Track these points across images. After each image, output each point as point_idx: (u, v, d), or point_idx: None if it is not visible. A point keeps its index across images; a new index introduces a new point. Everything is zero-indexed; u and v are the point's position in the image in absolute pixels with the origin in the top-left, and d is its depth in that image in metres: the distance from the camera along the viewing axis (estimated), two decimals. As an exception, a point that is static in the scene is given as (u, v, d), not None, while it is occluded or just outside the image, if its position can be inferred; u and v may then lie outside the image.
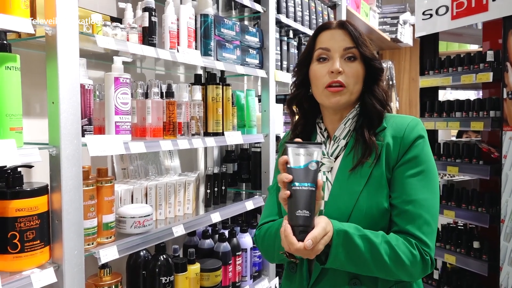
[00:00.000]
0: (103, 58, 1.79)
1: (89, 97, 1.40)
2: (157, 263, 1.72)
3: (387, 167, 1.12)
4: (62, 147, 1.23)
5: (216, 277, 1.98)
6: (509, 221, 2.09)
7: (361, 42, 1.15)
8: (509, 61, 2.08)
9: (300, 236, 0.96)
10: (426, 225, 1.07)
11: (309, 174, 0.99)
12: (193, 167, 2.49)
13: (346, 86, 1.14)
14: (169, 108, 1.72)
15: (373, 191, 1.10)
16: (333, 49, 1.15)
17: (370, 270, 1.06)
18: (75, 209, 1.27)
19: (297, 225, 0.97)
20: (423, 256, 1.06)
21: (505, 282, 2.11)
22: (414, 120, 1.15)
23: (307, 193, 0.97)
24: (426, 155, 1.12)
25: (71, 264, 1.26)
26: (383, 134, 1.14)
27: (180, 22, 1.80)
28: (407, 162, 1.11)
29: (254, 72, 2.27)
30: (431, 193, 1.10)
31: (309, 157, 1.00)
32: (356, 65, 1.15)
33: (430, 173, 1.11)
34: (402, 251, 1.04)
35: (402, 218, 1.08)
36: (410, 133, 1.12)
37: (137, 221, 1.56)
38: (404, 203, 1.08)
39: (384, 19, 4.81)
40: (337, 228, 1.02)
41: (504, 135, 2.10)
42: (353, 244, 1.03)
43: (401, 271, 1.06)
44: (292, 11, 2.71)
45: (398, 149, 1.11)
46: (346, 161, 1.16)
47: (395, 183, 1.11)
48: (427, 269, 1.09)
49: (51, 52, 1.22)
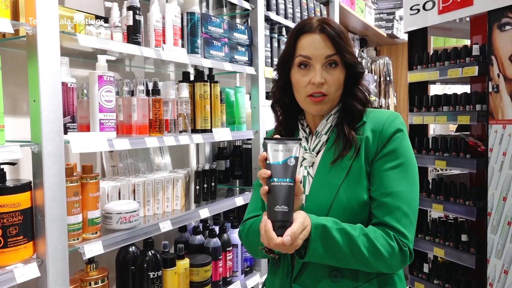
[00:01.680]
0: (90, 57, 1.81)
1: (72, 95, 1.42)
2: (145, 258, 1.75)
3: (366, 160, 1.13)
4: (44, 144, 1.25)
5: (205, 272, 2.01)
6: (495, 214, 2.11)
7: (343, 47, 1.13)
8: (494, 54, 2.09)
9: (279, 231, 0.97)
10: (404, 217, 1.09)
11: (288, 170, 1.00)
12: (184, 164, 2.51)
13: (328, 95, 1.15)
14: (155, 105, 1.74)
15: (352, 184, 1.12)
16: (314, 58, 1.14)
17: (349, 263, 1.08)
18: (58, 205, 1.29)
19: (276, 220, 0.98)
20: (401, 248, 1.08)
21: (492, 275, 2.13)
22: (393, 115, 1.17)
23: (286, 188, 0.98)
24: (405, 148, 1.13)
25: (54, 259, 1.29)
26: (363, 129, 1.16)
27: (165, 21, 1.82)
28: (386, 155, 1.12)
29: (243, 69, 2.29)
30: (410, 185, 1.11)
31: (287, 153, 1.01)
32: (338, 72, 1.15)
33: (408, 166, 1.13)
34: (380, 243, 1.06)
35: (381, 210, 1.10)
36: (389, 126, 1.13)
37: (123, 217, 1.58)
38: (383, 195, 1.10)
39: (380, 15, 4.82)
40: (315, 222, 1.04)
41: (490, 129, 2.11)
42: (331, 238, 1.04)
43: (380, 263, 1.07)
44: (283, 8, 2.72)
45: (377, 143, 1.13)
46: (327, 155, 1.18)
47: (374, 176, 1.13)
48: (406, 260, 1.10)
49: (31, 51, 1.25)
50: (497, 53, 2.07)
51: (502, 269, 2.07)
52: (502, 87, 2.05)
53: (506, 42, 2.02)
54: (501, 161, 2.06)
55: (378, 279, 1.14)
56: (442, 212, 2.44)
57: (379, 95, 4.79)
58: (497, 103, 2.07)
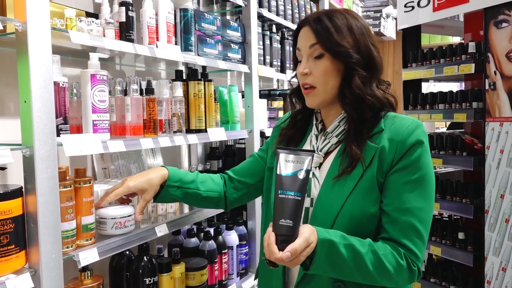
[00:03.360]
0: (80, 55, 1.74)
1: (64, 95, 1.35)
2: (140, 263, 1.69)
3: (380, 171, 1.07)
4: (36, 147, 1.18)
5: (202, 276, 1.95)
6: (493, 212, 2.11)
7: (325, 36, 1.08)
8: (491, 52, 2.09)
9: (281, 246, 0.94)
10: (417, 236, 1.04)
11: (296, 182, 0.96)
12: (176, 165, 2.45)
13: (316, 87, 1.12)
14: (149, 105, 1.68)
15: (362, 195, 1.06)
16: (302, 49, 1.14)
17: (353, 277, 1.04)
18: (51, 211, 1.22)
19: (279, 234, 0.95)
20: (410, 267, 1.04)
21: (490, 272, 2.13)
22: (414, 123, 1.08)
23: (292, 202, 0.95)
24: (424, 162, 1.06)
25: (48, 268, 1.22)
26: (379, 137, 1.09)
27: (159, 17, 1.75)
28: (403, 168, 1.05)
29: (236, 67, 2.24)
30: (426, 202, 1.06)
31: (299, 165, 0.98)
32: (324, 63, 1.10)
33: (426, 181, 1.06)
34: (388, 261, 1.02)
35: (393, 226, 1.05)
36: (408, 137, 1.05)
37: (118, 222, 1.51)
38: (397, 211, 1.05)
39: (367, 13, 4.81)
40: (322, 237, 0.99)
41: (487, 126, 2.11)
42: (337, 254, 1.00)
43: (385, 280, 1.04)
44: (275, 5, 2.68)
45: (393, 154, 1.06)
46: (337, 162, 1.12)
47: (388, 189, 1.06)
48: (414, 278, 1.06)
49: (21, 48, 1.17)
50: (493, 50, 2.06)
51: (500, 266, 2.07)
52: (499, 85, 2.04)
53: (502, 39, 2.01)
54: (498, 159, 2.06)
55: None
56: (438, 210, 2.43)
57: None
58: (494, 100, 2.07)
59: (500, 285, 2.09)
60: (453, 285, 2.38)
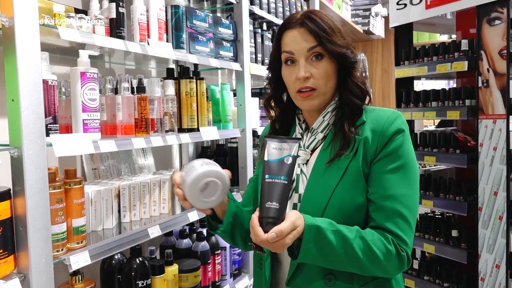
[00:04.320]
0: (69, 52, 1.69)
1: (53, 94, 1.31)
2: (132, 266, 1.65)
3: (365, 162, 1.08)
4: (24, 148, 1.14)
5: (195, 278, 1.92)
6: (486, 209, 2.11)
7: (325, 38, 1.09)
8: (484, 49, 2.09)
9: (266, 228, 0.94)
10: (403, 222, 1.05)
11: (284, 168, 0.98)
12: (168, 165, 2.41)
13: (317, 89, 1.11)
14: (141, 104, 1.64)
15: (348, 186, 1.07)
16: (297, 52, 1.11)
17: (343, 266, 1.04)
18: (41, 214, 1.18)
19: (265, 216, 0.96)
20: (399, 252, 1.04)
21: (484, 269, 2.13)
22: (394, 114, 1.12)
23: (279, 186, 0.97)
24: (406, 150, 1.08)
25: (38, 273, 1.17)
26: (362, 129, 1.11)
27: (150, 14, 1.71)
28: (386, 156, 1.07)
29: (228, 65, 2.21)
30: (410, 188, 1.07)
31: (285, 151, 1.00)
32: (324, 64, 1.11)
33: (409, 168, 1.08)
34: (377, 247, 1.02)
35: (379, 213, 1.06)
36: (389, 126, 1.08)
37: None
38: (382, 198, 1.06)
39: (356, 11, 4.82)
40: (309, 223, 0.99)
41: (480, 124, 2.11)
42: (325, 239, 1.00)
43: (376, 266, 1.03)
44: (266, 2, 2.65)
45: (376, 143, 1.08)
46: (323, 155, 1.13)
47: (373, 177, 1.08)
48: (403, 265, 1.06)
49: (9, 45, 1.13)
50: (486, 48, 2.06)
51: (494, 263, 2.08)
52: (492, 82, 2.04)
53: (495, 37, 2.01)
54: (491, 156, 2.06)
55: (375, 283, 1.10)
56: (431, 208, 2.43)
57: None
58: (487, 97, 2.07)
59: (494, 282, 2.09)
60: (447, 283, 2.38)
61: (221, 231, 1.15)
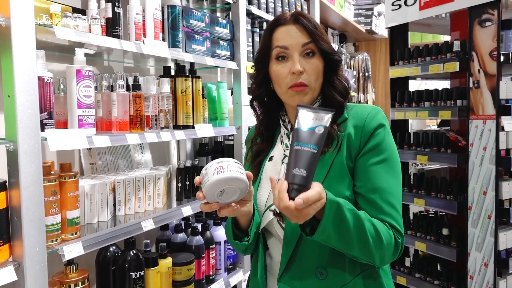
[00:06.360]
0: (66, 50, 1.74)
1: (48, 90, 1.36)
2: (126, 258, 1.70)
3: (349, 157, 1.12)
4: (19, 142, 1.19)
5: (189, 271, 1.97)
6: (476, 208, 2.14)
7: (318, 36, 1.14)
8: (475, 50, 2.11)
9: (292, 194, 0.90)
10: (395, 211, 1.09)
11: (314, 137, 0.96)
12: (165, 161, 2.46)
13: (309, 85, 1.14)
14: (136, 101, 1.69)
15: (334, 181, 1.11)
16: (291, 47, 1.13)
17: (351, 246, 1.04)
18: (35, 205, 1.23)
19: (292, 182, 0.91)
20: (396, 239, 1.08)
21: (473, 267, 2.16)
22: (375, 109, 1.16)
23: (308, 154, 0.94)
24: (388, 143, 1.13)
25: (32, 261, 1.23)
26: (345, 125, 1.15)
27: (146, 13, 1.76)
28: (369, 150, 1.11)
29: (225, 64, 2.25)
30: (395, 179, 1.11)
31: (317, 121, 0.98)
32: (316, 61, 1.15)
33: (392, 160, 1.12)
34: (382, 231, 1.05)
35: (371, 206, 1.09)
36: (371, 122, 1.12)
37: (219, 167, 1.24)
38: (370, 191, 1.09)
39: (359, 11, 4.84)
40: (331, 198, 0.98)
41: (471, 124, 2.14)
42: (343, 217, 0.99)
43: (378, 251, 1.05)
44: (264, 2, 2.69)
45: (359, 139, 1.12)
46: None
47: (358, 172, 1.11)
48: (397, 253, 1.10)
49: (5, 43, 1.18)
50: (477, 49, 2.09)
51: (482, 262, 2.11)
52: (482, 83, 2.07)
53: (486, 38, 2.04)
54: (481, 156, 2.09)
55: (364, 275, 1.14)
56: (423, 207, 2.46)
57: (358, 90, 4.82)
58: (477, 98, 2.10)
59: (483, 280, 2.12)
60: (437, 280, 2.41)
61: (247, 242, 1.18)
